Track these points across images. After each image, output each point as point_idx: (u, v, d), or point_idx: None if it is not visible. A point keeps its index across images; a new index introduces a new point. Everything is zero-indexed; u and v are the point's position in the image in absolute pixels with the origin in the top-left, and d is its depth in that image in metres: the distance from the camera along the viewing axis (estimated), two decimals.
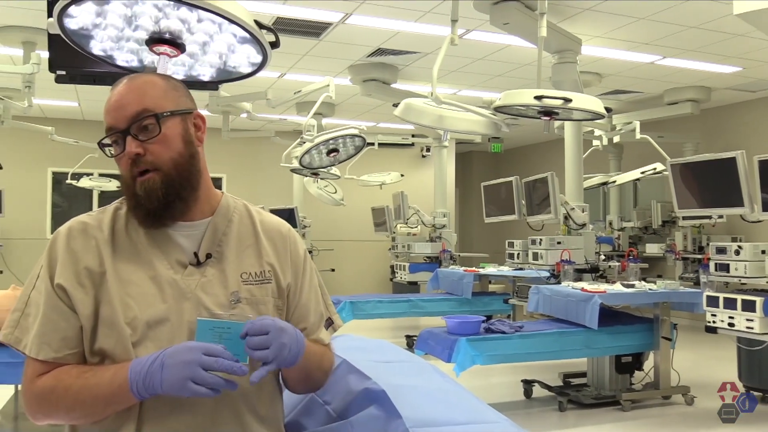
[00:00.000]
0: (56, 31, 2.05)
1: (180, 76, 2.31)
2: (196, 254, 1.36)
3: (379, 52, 6.69)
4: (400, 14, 5.56)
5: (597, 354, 5.02)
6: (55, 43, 3.43)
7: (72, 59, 3.26)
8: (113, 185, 9.72)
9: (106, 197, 10.80)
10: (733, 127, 8.91)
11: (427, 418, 1.22)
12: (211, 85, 3.61)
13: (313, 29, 5.96)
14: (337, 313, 1.51)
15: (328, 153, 5.69)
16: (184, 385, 1.17)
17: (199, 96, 8.10)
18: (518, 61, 6.98)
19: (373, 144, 8.12)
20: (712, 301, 4.40)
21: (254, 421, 1.33)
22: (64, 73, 3.51)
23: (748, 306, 4.15)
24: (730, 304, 4.27)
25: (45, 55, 5.67)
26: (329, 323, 1.48)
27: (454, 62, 6.98)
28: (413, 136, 9.91)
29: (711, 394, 4.76)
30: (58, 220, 10.73)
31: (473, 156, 13.70)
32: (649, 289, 4.97)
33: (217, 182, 11.19)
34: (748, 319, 4.16)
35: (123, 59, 2.20)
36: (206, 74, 2.26)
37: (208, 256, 1.37)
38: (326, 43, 6.34)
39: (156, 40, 2.01)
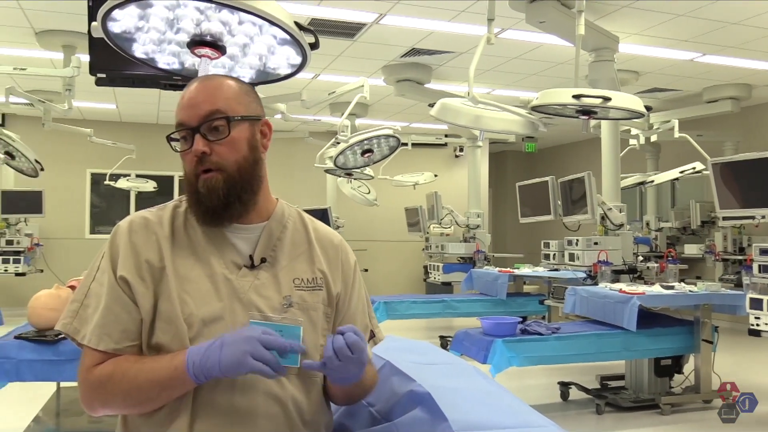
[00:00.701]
0: (100, 34, 2.08)
1: None
2: (251, 257, 1.38)
3: (413, 52, 6.67)
4: (435, 14, 5.54)
5: (636, 356, 4.94)
6: (95, 46, 3.50)
7: (112, 62, 3.32)
8: (150, 186, 9.86)
9: (143, 198, 10.97)
10: None
11: (473, 421, 1.20)
12: None
13: (348, 30, 5.97)
14: (379, 327, 1.52)
15: (363, 153, 5.69)
16: (243, 360, 1.18)
17: None
18: (553, 59, 6.91)
19: (406, 144, 8.10)
20: (756, 304, 4.30)
21: (300, 423, 1.34)
22: (104, 75, 3.57)
23: None
24: None
25: (85, 58, 5.81)
26: (371, 336, 1.49)
27: (488, 61, 6.93)
28: (446, 136, 9.87)
29: None
30: (96, 221, 10.94)
31: (507, 156, 13.60)
32: (690, 291, 4.88)
33: None
34: None
35: (164, 62, 2.22)
36: (246, 76, 2.27)
37: (263, 260, 1.38)
38: (360, 44, 6.35)
39: (197, 42, 2.03)
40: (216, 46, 2.03)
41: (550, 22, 4.69)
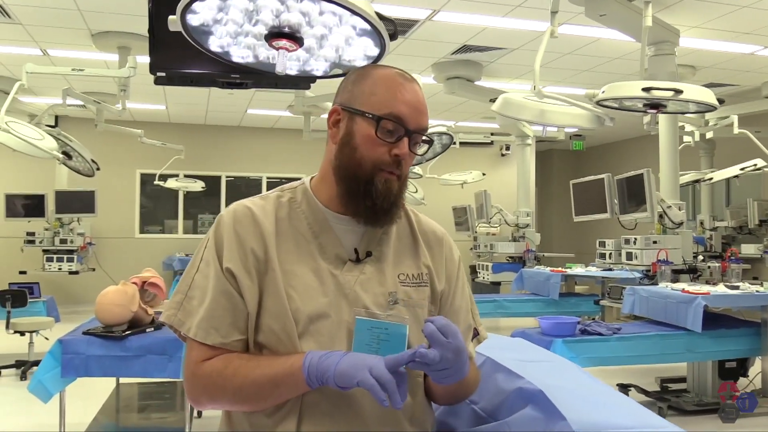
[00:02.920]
0: (177, 28, 2.07)
1: (293, 72, 2.31)
2: (356, 250, 1.33)
3: (464, 49, 6.60)
4: (490, 9, 5.46)
5: (700, 358, 4.80)
6: (157, 45, 3.51)
7: (171, 61, 3.33)
8: (198, 186, 9.98)
9: (190, 197, 11.10)
10: None
11: (591, 420, 1.14)
12: (304, 84, 3.63)
13: (401, 26, 5.93)
14: (482, 325, 1.45)
15: None
16: (361, 372, 1.12)
17: (284, 98, 8.21)
18: (607, 55, 6.77)
19: (455, 143, 8.03)
20: None
21: (407, 423, 1.29)
22: (163, 74, 3.58)
23: None
24: None
25: (140, 59, 5.89)
26: (475, 334, 1.43)
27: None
28: (492, 134, 9.77)
29: None
30: (145, 220, 11.11)
31: (553, 154, 13.43)
32: (756, 291, 4.71)
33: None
34: None
35: (239, 55, 2.21)
36: (320, 69, 2.24)
37: (368, 254, 1.33)
38: (412, 41, 6.30)
39: (275, 34, 2.00)
40: (294, 37, 2.00)
41: (611, 15, 4.58)
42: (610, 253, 6.31)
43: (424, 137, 1.33)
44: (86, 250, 9.10)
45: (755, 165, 7.30)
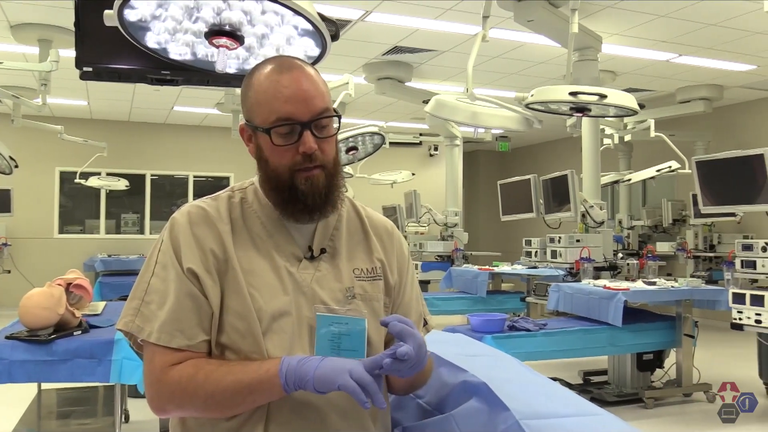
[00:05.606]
0: (114, 23, 2.03)
1: (232, 70, 2.30)
2: (310, 248, 1.34)
3: (396, 50, 6.67)
4: (421, 12, 5.54)
5: (621, 351, 5.01)
6: (83, 38, 3.40)
7: (98, 56, 3.23)
8: (121, 184, 9.69)
9: (113, 196, 10.76)
10: (744, 125, 8.91)
11: (533, 410, 1.20)
12: (236, 82, 3.59)
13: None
14: (430, 315, 1.49)
15: (347, 151, 5.66)
16: (341, 376, 1.12)
17: (212, 95, 8.07)
18: (533, 59, 6.97)
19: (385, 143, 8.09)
20: (739, 299, 4.40)
21: (370, 421, 1.31)
22: (90, 69, 3.47)
23: None
24: (757, 301, 4.27)
25: (62, 52, 5.67)
26: (424, 323, 1.46)
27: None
28: (421, 135, 9.89)
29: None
30: (64, 220, 10.70)
31: (479, 155, 13.70)
32: (672, 287, 4.97)
33: (224, 181, 11.24)
34: None
35: (177, 52, 2.18)
36: None
37: (322, 250, 1.35)
38: (344, 41, 6.32)
39: (215, 32, 1.99)
40: (235, 36, 1.99)
41: (539, 21, 4.73)
42: (536, 252, 6.50)
43: (328, 116, 1.30)
44: (1, 251, 8.71)
45: (670, 167, 7.67)
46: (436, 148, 12.15)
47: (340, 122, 1.34)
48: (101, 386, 4.69)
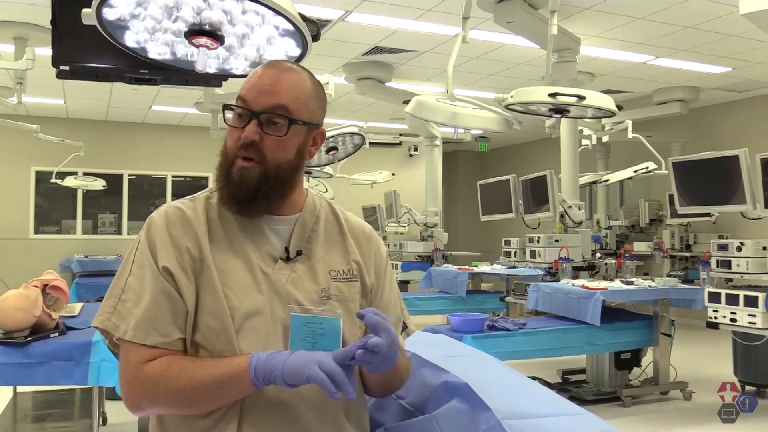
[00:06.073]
0: (91, 21, 2.01)
1: (212, 70, 2.28)
2: (286, 249, 1.35)
3: (376, 50, 6.67)
4: (401, 12, 5.54)
5: (599, 350, 5.06)
6: (60, 37, 3.36)
7: (75, 54, 3.20)
8: (99, 184, 9.57)
9: (90, 197, 10.65)
10: (719, 126, 9.04)
11: (514, 410, 1.21)
12: (216, 82, 3.57)
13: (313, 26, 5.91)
14: (410, 319, 1.50)
15: (327, 151, 5.65)
16: (309, 367, 1.13)
17: (191, 94, 7.98)
18: (512, 60, 7.01)
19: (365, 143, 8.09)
20: (714, 297, 4.46)
21: (346, 420, 1.32)
22: (67, 68, 3.43)
23: (751, 302, 4.21)
24: (732, 300, 4.33)
25: (38, 50, 5.59)
26: (403, 328, 1.47)
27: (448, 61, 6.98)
28: (401, 135, 9.90)
29: (708, 389, 4.81)
30: (40, 220, 10.56)
31: (459, 155, 13.75)
32: (649, 286, 5.02)
33: (203, 181, 11.16)
34: (750, 315, 4.22)
35: (156, 52, 2.16)
36: (240, 68, 2.23)
37: (299, 252, 1.36)
38: (324, 41, 6.30)
39: (195, 31, 1.97)
40: (215, 35, 1.98)
41: (518, 23, 4.76)
42: (515, 252, 6.54)
43: (280, 114, 1.30)
44: None
45: (647, 167, 7.76)
46: (415, 149, 12.18)
47: (288, 128, 1.31)
48: (78, 389, 4.64)
